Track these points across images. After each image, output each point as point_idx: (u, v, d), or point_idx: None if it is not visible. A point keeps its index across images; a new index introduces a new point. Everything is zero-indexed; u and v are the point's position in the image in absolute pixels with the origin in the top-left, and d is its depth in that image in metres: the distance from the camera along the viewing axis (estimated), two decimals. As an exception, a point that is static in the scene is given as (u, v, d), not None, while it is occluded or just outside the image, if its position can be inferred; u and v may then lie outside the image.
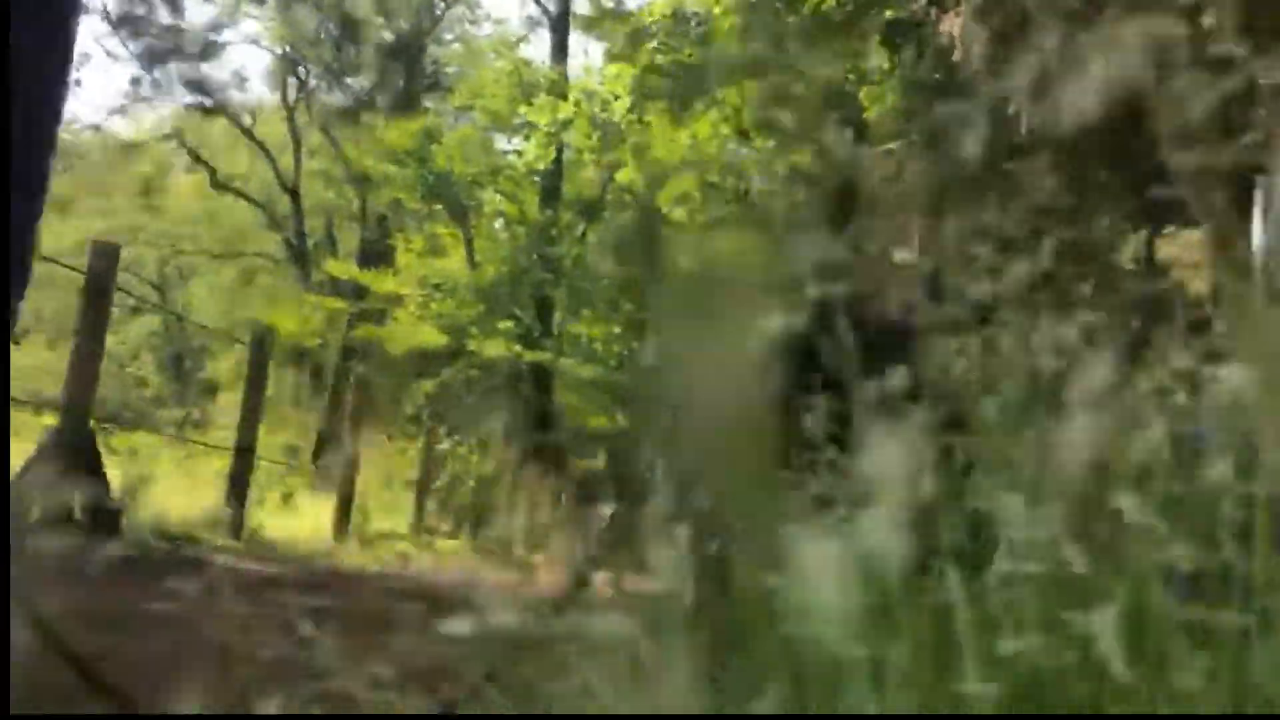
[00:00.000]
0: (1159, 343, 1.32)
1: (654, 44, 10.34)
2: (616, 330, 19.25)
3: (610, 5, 19.50)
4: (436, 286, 19.40)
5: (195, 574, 4.78)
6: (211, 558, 4.88)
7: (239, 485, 5.93)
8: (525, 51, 25.11)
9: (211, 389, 36.94)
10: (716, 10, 9.88)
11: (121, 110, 35.60)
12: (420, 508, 9.18)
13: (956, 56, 8.22)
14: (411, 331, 18.37)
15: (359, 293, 22.84)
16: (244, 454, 6.08)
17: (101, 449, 4.89)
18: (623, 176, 12.57)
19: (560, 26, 20.86)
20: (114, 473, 5.50)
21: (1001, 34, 8.11)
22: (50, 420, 5.28)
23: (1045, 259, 1.36)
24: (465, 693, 1.61)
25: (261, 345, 5.99)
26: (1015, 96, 7.99)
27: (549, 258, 18.70)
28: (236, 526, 5.68)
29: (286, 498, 7.65)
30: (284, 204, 31.66)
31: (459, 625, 1.17)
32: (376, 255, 30.39)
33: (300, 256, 31.16)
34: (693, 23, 10.45)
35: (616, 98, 10.38)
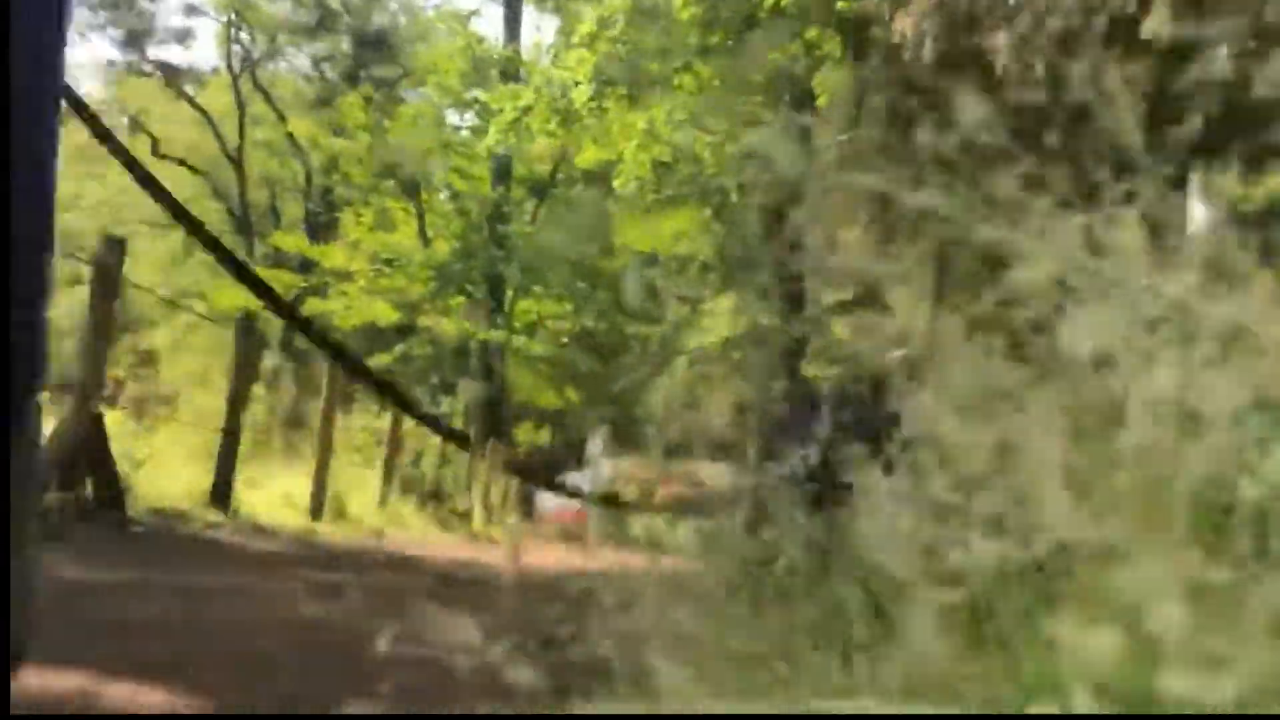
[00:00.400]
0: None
1: (615, 32, 10.57)
2: (568, 307, 19.49)
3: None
4: (388, 262, 19.44)
5: (208, 551, 5.01)
6: (210, 534, 5.10)
7: (225, 465, 6.14)
8: (474, 25, 25.03)
9: (151, 358, 36.61)
10: (677, 2, 10.15)
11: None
12: (386, 483, 9.43)
13: (907, 54, 8.56)
14: (364, 306, 18.43)
15: (304, 266, 22.82)
16: (230, 435, 6.27)
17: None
18: (580, 161, 12.81)
19: (514, 5, 20.97)
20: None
21: (950, 33, 8.47)
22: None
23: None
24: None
25: (249, 331, 6.15)
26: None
27: (501, 235, 18.87)
28: (224, 504, 5.89)
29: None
30: (226, 174, 31.34)
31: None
32: (321, 228, 30.30)
33: (244, 227, 30.89)
34: (652, 14, 10.71)
35: (577, 84, 10.60)
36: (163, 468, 6.64)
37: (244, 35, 30.74)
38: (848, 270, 15.96)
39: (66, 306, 23.94)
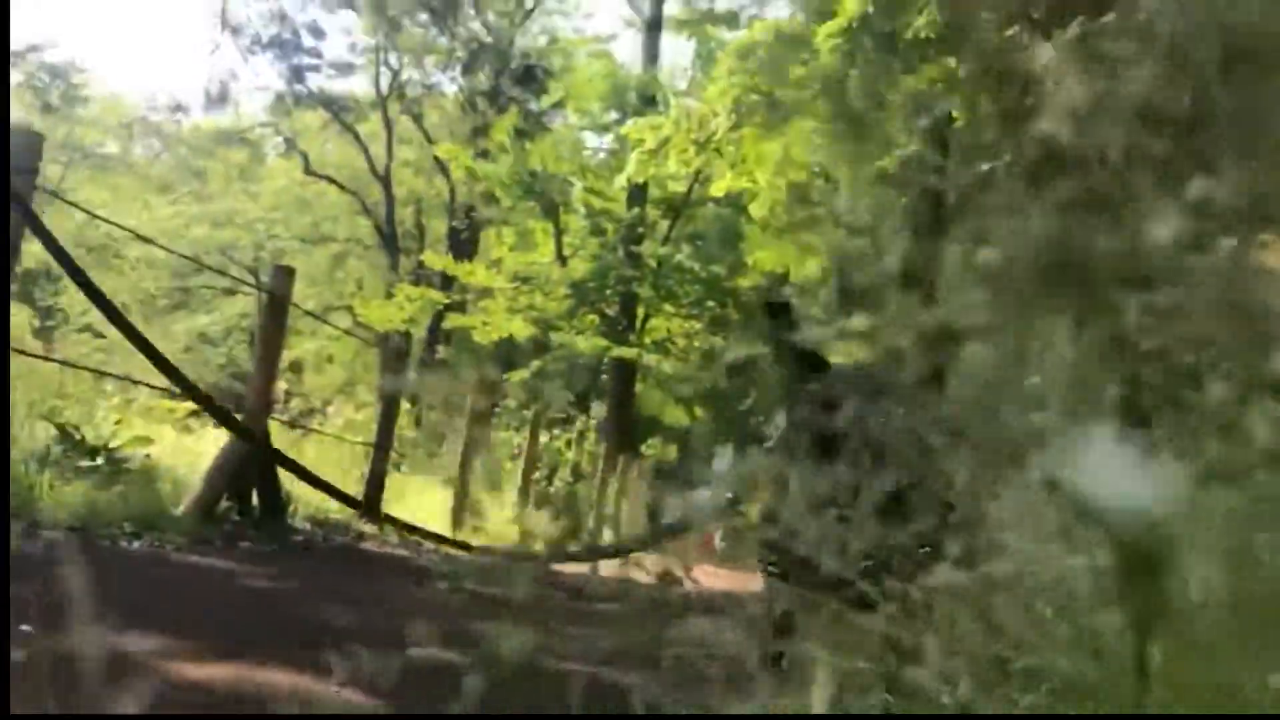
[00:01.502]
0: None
1: (753, 64, 10.76)
2: (698, 327, 19.72)
3: (706, 7, 19.96)
4: (525, 280, 19.95)
5: (371, 561, 5.36)
6: (367, 545, 5.45)
7: (376, 478, 6.52)
8: (613, 49, 25.43)
9: (297, 368, 38.13)
10: (820, 35, 10.27)
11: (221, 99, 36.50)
12: (524, 499, 9.77)
13: (1047, 85, 8.51)
14: (502, 322, 18.95)
15: (446, 282, 23.59)
16: (380, 450, 6.65)
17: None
18: (716, 189, 13.02)
19: (653, 30, 21.34)
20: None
21: (1087, 69, 8.41)
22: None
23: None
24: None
25: (400, 354, 6.53)
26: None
27: (635, 255, 19.21)
28: (375, 516, 6.26)
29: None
30: (374, 192, 32.53)
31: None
32: (462, 245, 31.21)
33: (390, 243, 32.00)
34: (794, 43, 10.86)
35: (715, 115, 10.81)
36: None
37: (392, 60, 31.99)
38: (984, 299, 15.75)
39: (222, 318, 25.11)
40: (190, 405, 8.96)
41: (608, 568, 9.27)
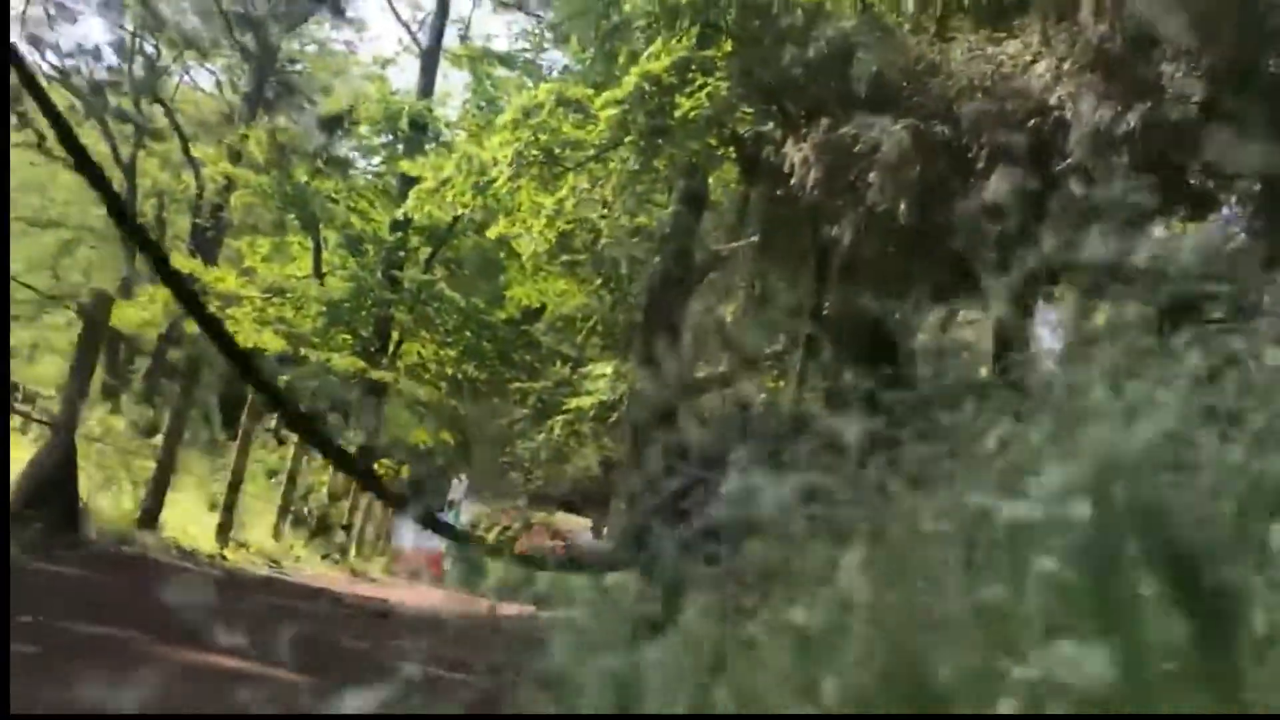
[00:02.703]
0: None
1: (537, 121, 11.48)
2: (452, 354, 20.15)
3: (483, 45, 20.61)
4: (279, 292, 19.80)
5: (143, 571, 5.60)
6: (154, 556, 5.72)
7: (158, 491, 6.69)
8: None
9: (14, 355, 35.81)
10: (598, 103, 11.12)
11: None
12: (281, 517, 9.98)
13: (794, 181, 9.65)
14: (251, 332, 18.73)
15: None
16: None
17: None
18: (491, 233, 13.63)
19: (430, 61, 21.79)
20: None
21: (833, 166, 9.61)
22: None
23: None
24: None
25: (188, 393, 6.70)
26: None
27: (395, 279, 19.49)
28: (153, 526, 6.46)
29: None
30: (114, 179, 31.10)
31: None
32: (207, 245, 30.30)
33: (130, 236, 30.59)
34: (572, 108, 11.68)
35: (495, 163, 11.46)
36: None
37: (149, 48, 30.79)
38: (727, 344, 17.08)
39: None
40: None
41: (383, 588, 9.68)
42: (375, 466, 19.99)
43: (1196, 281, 1.35)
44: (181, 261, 20.85)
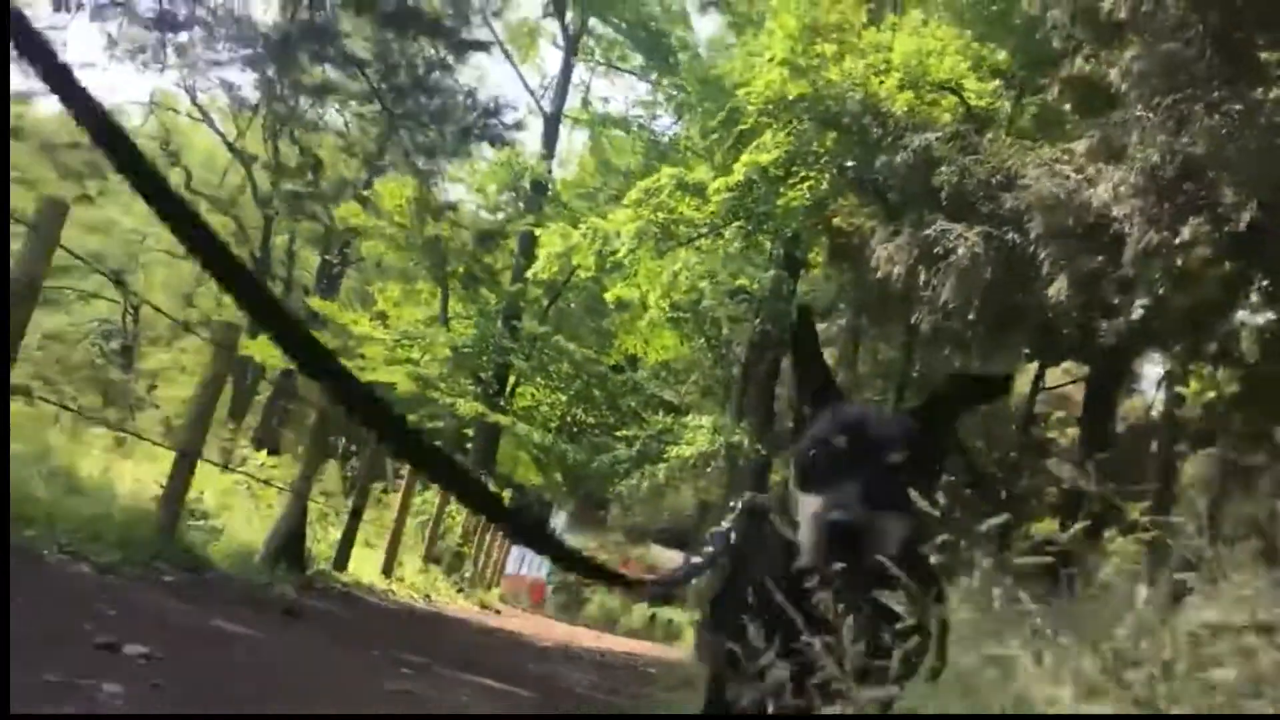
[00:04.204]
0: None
1: (658, 201, 12.98)
2: (564, 399, 21.72)
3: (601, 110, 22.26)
4: (407, 336, 21.49)
5: (383, 608, 7.10)
6: (351, 592, 7.23)
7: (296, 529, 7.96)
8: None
9: (151, 376, 38.41)
10: (711, 188, 12.59)
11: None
12: (427, 554, 11.50)
13: (880, 273, 10.93)
14: (383, 371, 20.39)
15: (311, 319, 24.80)
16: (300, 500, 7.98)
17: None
18: (609, 296, 15.15)
19: (552, 125, 23.51)
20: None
21: (915, 263, 10.85)
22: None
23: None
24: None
25: (324, 420, 7.89)
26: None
27: (514, 327, 21.14)
28: (342, 568, 7.96)
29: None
30: (253, 217, 33.37)
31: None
32: (333, 280, 32.38)
33: (262, 267, 32.73)
34: (691, 189, 13.18)
35: (618, 234, 13.00)
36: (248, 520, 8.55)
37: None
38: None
39: (79, 320, 25.12)
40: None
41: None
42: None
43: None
44: (322, 305, 22.75)
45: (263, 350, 21.98)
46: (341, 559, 8.06)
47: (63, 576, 3.85)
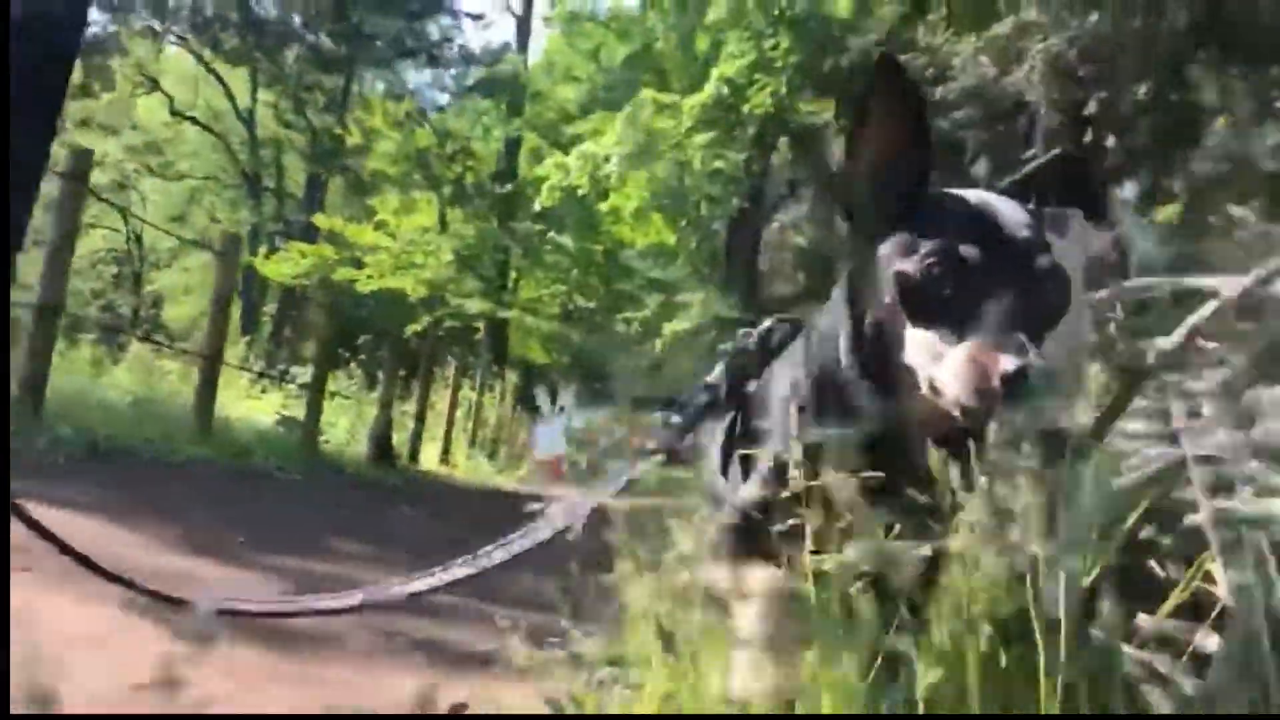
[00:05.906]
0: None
1: (640, 123, 14.52)
2: (563, 288, 23.38)
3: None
4: (412, 243, 22.94)
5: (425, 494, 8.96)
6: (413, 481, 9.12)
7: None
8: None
9: (158, 300, 39.76)
10: (686, 105, 14.14)
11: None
12: (466, 435, 13.38)
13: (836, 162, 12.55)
14: (391, 279, 21.86)
15: (306, 231, 25.87)
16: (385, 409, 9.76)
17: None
18: (604, 206, 16.73)
19: (523, 22, 24.68)
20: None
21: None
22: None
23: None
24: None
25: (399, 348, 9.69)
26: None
27: (511, 228, 22.69)
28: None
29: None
30: (238, 132, 34.11)
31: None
32: (320, 188, 33.38)
33: (253, 183, 33.67)
34: (668, 109, 14.71)
35: (607, 158, 14.52)
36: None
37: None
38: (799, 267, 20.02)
39: (86, 251, 26.14)
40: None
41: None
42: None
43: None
44: (325, 221, 24.03)
45: (273, 270, 23.50)
46: (413, 452, 9.94)
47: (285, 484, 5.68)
